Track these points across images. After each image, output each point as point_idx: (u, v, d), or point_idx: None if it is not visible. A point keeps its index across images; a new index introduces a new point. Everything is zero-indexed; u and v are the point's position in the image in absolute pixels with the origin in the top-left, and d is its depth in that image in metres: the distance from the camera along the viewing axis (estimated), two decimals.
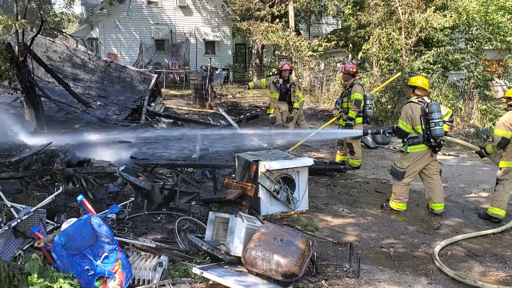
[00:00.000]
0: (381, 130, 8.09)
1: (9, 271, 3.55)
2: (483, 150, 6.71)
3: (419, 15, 16.50)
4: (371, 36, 18.25)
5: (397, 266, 5.10)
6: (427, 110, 6.57)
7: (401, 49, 17.08)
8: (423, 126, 6.58)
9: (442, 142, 6.78)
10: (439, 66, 16.19)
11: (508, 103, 6.52)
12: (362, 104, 9.11)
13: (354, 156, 9.29)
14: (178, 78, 25.82)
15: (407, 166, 6.71)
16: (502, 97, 8.00)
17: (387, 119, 14.48)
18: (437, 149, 6.72)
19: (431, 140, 6.57)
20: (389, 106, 15.24)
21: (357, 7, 21.63)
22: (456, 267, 5.05)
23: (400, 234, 6.03)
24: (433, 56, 16.12)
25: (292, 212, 6.37)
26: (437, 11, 16.53)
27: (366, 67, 18.18)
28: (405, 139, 6.82)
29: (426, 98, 6.76)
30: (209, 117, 14.96)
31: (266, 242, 4.37)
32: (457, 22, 16.42)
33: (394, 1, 17.44)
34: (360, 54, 18.79)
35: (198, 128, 12.00)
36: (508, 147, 6.41)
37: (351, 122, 9.11)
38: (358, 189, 8.15)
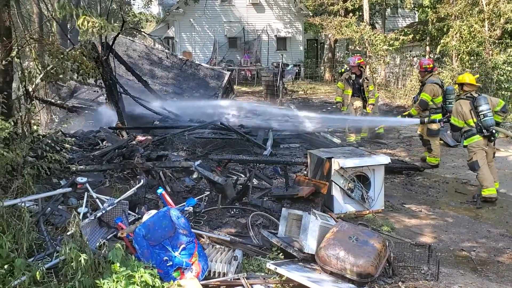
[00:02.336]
0: (437, 119, 8.63)
1: (95, 259, 3.75)
2: None
3: (505, 5, 15.42)
4: (450, 29, 17.33)
5: (480, 271, 4.81)
6: (475, 104, 7.01)
7: (484, 42, 16.06)
8: (475, 119, 7.04)
9: (494, 131, 7.06)
10: None
11: None
12: (431, 104, 8.82)
13: (432, 154, 8.90)
14: (250, 75, 26.12)
15: (474, 155, 7.11)
16: None
17: None
18: (492, 138, 7.09)
19: (483, 130, 6.97)
20: None
21: None
22: None
23: (483, 237, 5.69)
24: None
25: (367, 212, 6.21)
26: None
27: (445, 61, 17.32)
28: (460, 134, 7.31)
29: (474, 93, 7.19)
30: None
31: (341, 240, 4.29)
32: None
33: None
34: (439, 47, 17.91)
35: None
36: None
37: (424, 118, 8.80)
38: (437, 189, 7.79)
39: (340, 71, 12.70)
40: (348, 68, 11.25)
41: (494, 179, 7.15)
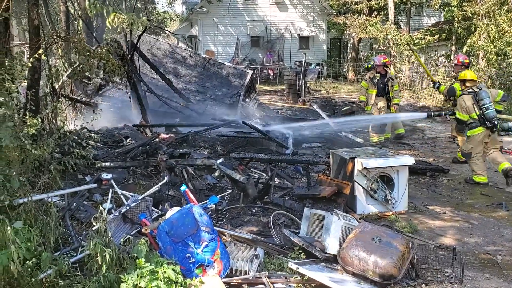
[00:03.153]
0: (443, 113, 9.07)
1: (119, 254, 3.81)
2: None
3: None
4: (477, 28, 16.99)
5: (506, 276, 4.69)
6: (477, 98, 7.64)
7: None
8: (477, 112, 7.66)
9: (496, 122, 7.62)
10: None
11: None
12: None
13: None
14: (272, 74, 26.10)
15: (471, 148, 7.80)
16: None
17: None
18: (494, 129, 7.67)
19: (486, 122, 7.59)
20: None
21: None
22: None
23: (509, 241, 5.55)
24: None
25: (390, 213, 6.13)
26: None
27: (471, 61, 16.98)
28: (464, 125, 7.95)
29: (475, 88, 7.80)
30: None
31: (364, 241, 4.26)
32: None
33: None
34: (465, 47, 17.58)
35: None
36: None
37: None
38: (462, 190, 7.65)
39: (366, 67, 12.54)
40: (374, 65, 11.09)
41: (502, 162, 7.67)
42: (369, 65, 11.75)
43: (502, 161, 7.73)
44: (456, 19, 20.24)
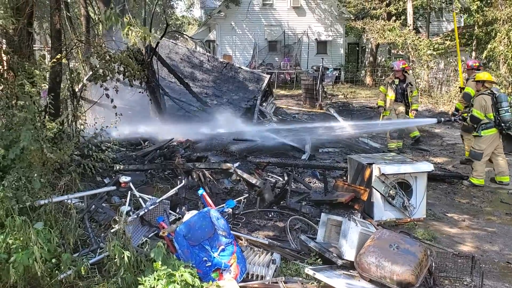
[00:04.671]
0: (453, 118, 9.25)
1: (137, 256, 3.85)
2: None
3: None
4: (498, 34, 16.73)
5: None
6: (496, 100, 7.86)
7: None
8: (494, 113, 7.87)
9: (510, 126, 7.91)
10: None
11: None
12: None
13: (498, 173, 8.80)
14: (289, 78, 26.09)
15: (484, 148, 7.96)
16: None
17: None
18: (504, 132, 7.97)
19: (502, 124, 7.85)
20: None
21: (484, 3, 19.97)
22: None
23: None
24: None
25: (408, 219, 6.07)
26: None
27: (491, 66, 16.74)
28: (477, 125, 8.04)
29: (493, 89, 8.05)
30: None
31: (381, 248, 4.22)
32: None
33: None
34: (485, 53, 17.32)
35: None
36: None
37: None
38: (481, 198, 7.53)
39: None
40: (393, 70, 11.02)
41: (505, 171, 8.07)
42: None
43: (507, 174, 8.09)
44: (476, 24, 19.97)
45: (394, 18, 22.71)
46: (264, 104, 14.53)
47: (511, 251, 5.43)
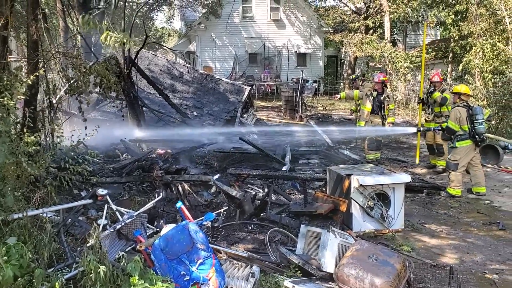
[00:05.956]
0: (432, 128, 9.43)
1: (113, 271, 3.77)
2: None
3: None
4: (473, 47, 17.17)
5: None
6: (471, 112, 8.07)
7: (508, 60, 15.84)
8: (469, 125, 8.08)
9: (484, 138, 8.25)
10: None
11: None
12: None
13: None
14: (270, 90, 26.23)
15: (459, 158, 8.15)
16: None
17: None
18: (480, 144, 8.22)
19: (476, 136, 8.04)
20: (493, 122, 14.17)
21: (459, 17, 20.52)
22: None
23: (506, 260, 5.54)
24: None
25: (387, 230, 6.11)
26: None
27: (467, 79, 17.13)
28: (452, 136, 8.29)
29: (469, 102, 8.36)
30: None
31: (360, 260, 4.23)
32: None
33: (501, 10, 16.28)
34: (461, 65, 17.74)
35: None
36: None
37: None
38: (458, 209, 7.64)
39: (352, 77, 13.13)
40: (359, 75, 11.42)
41: (482, 182, 8.27)
42: (354, 76, 12.29)
43: (483, 185, 8.30)
44: (452, 37, 20.47)
45: (371, 31, 23.11)
46: (244, 115, 14.56)
47: (488, 262, 5.49)
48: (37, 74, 5.87)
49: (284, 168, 8.81)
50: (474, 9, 17.99)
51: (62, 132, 6.62)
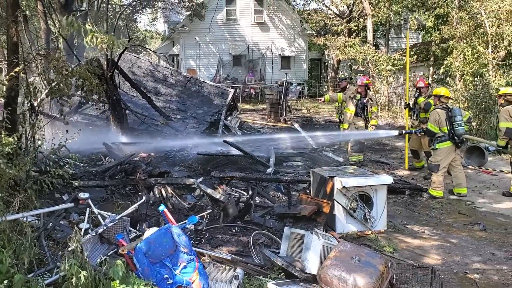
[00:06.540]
0: (414, 131, 9.60)
1: (95, 276, 3.73)
2: (497, 146, 8.46)
3: (508, 28, 15.52)
4: (454, 50, 17.43)
5: None
6: (450, 114, 8.17)
7: (488, 63, 16.13)
8: (448, 127, 8.17)
9: (464, 139, 8.39)
10: None
11: (505, 98, 8.37)
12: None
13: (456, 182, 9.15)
14: (254, 92, 26.26)
15: (440, 160, 8.25)
16: (496, 95, 10.17)
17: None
18: (460, 145, 8.32)
19: (455, 138, 8.15)
20: (473, 124, 14.41)
21: (440, 21, 20.81)
22: None
23: (487, 260, 5.63)
24: None
25: (369, 232, 6.16)
26: None
27: (448, 81, 17.38)
28: (433, 138, 8.39)
29: (449, 104, 8.49)
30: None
31: (343, 261, 4.25)
32: None
33: (481, 13, 16.56)
34: (442, 68, 18.00)
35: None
36: None
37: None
38: (440, 210, 7.74)
39: (340, 77, 13.34)
40: (346, 76, 11.57)
41: (463, 183, 8.39)
42: (341, 75, 12.46)
43: (464, 186, 8.43)
44: (433, 41, 20.75)
45: (354, 34, 23.32)
46: (229, 118, 14.54)
47: (469, 262, 5.57)
48: (17, 76, 5.78)
49: (268, 171, 8.82)
50: (454, 13, 18.26)
51: (43, 135, 6.53)
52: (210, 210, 6.21)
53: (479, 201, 8.27)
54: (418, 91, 10.25)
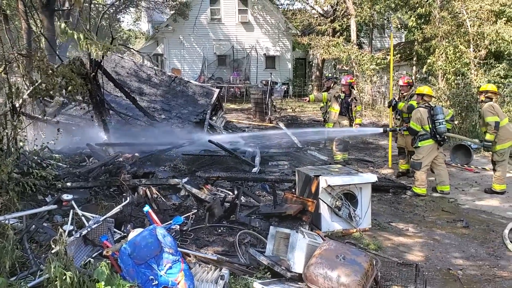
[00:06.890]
0: (398, 129, 9.63)
1: (80, 278, 3.69)
2: (484, 143, 8.45)
3: (489, 27, 15.78)
4: (437, 49, 17.66)
5: None
6: (432, 112, 8.29)
7: (470, 62, 16.38)
8: (430, 125, 8.28)
9: (445, 138, 8.46)
10: (511, 80, 15.34)
11: (486, 95, 8.50)
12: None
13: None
14: (239, 92, 26.25)
15: (422, 157, 8.33)
16: (477, 92, 10.18)
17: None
18: (442, 143, 8.41)
19: (437, 136, 8.25)
20: (456, 122, 14.61)
21: (422, 20, 21.05)
22: None
23: (470, 256, 5.72)
24: (504, 69, 15.33)
25: (354, 230, 6.20)
26: (509, 23, 15.74)
27: (431, 80, 17.60)
28: (415, 136, 8.52)
29: (431, 103, 8.59)
30: None
31: (328, 259, 4.28)
32: None
33: (462, 13, 16.81)
34: (425, 67, 18.22)
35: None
36: (500, 131, 8.25)
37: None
38: (424, 207, 7.83)
39: (327, 76, 13.41)
40: (333, 76, 11.62)
41: (446, 180, 8.51)
42: (329, 74, 12.54)
43: (447, 184, 8.54)
44: (416, 40, 20.97)
45: (338, 34, 23.46)
46: (214, 118, 14.50)
47: (453, 258, 5.65)
48: None
49: (253, 170, 8.83)
50: (436, 13, 18.49)
51: (26, 136, 6.44)
52: (196, 211, 6.20)
53: (462, 198, 8.39)
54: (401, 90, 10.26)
